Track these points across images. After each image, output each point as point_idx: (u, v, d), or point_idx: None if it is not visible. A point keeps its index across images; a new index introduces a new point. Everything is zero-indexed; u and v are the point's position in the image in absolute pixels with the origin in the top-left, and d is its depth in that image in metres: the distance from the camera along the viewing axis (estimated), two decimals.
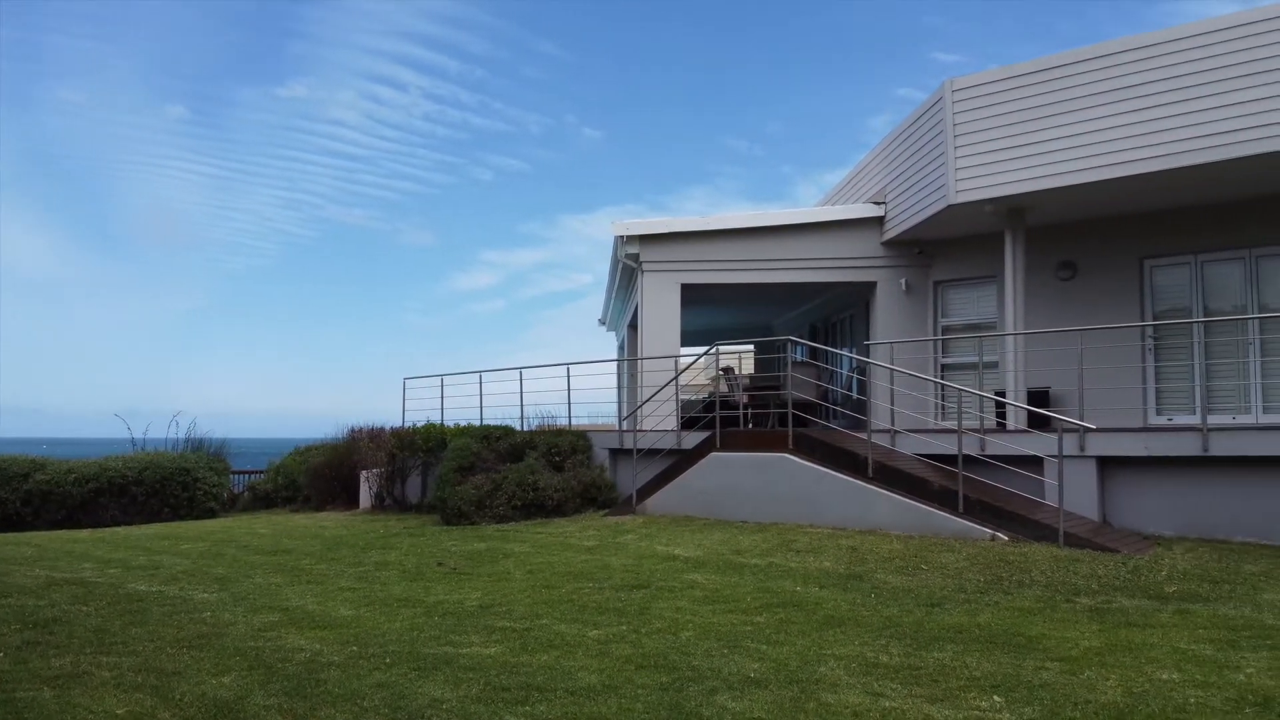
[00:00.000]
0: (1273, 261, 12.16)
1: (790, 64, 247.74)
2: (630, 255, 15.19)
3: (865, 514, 10.38)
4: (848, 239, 15.32)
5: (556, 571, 8.57)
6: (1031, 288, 13.22)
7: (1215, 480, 9.70)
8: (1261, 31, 10.33)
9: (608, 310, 22.26)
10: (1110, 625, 6.13)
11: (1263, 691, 4.62)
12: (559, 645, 5.86)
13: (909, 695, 4.71)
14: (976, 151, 12.26)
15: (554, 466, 13.62)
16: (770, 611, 6.68)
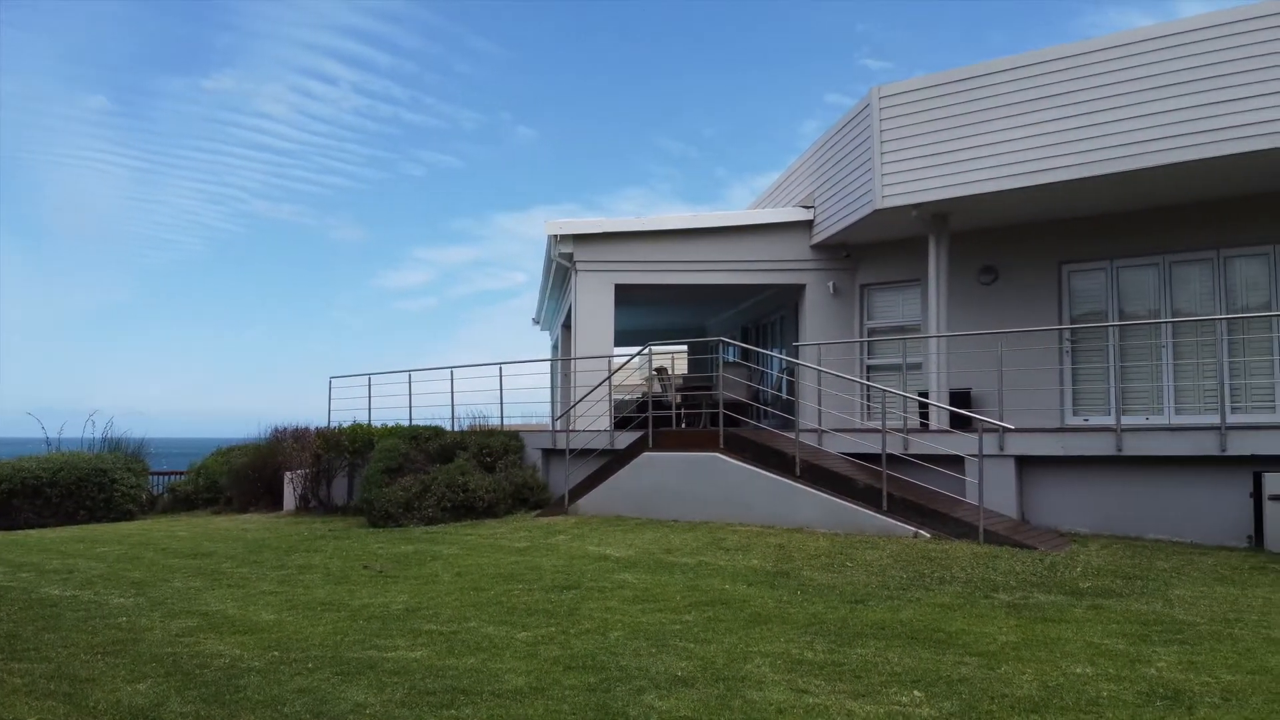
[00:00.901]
0: (1185, 267, 12.66)
1: (725, 68, 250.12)
2: (564, 255, 15.16)
3: (793, 512, 10.53)
4: (778, 242, 15.51)
5: (486, 573, 8.50)
6: (954, 291, 13.55)
7: (1129, 479, 10.05)
8: (1173, 45, 10.73)
9: (541, 309, 22.18)
10: (1027, 620, 6.31)
11: (1173, 685, 4.80)
12: (486, 648, 5.82)
13: (832, 691, 4.79)
14: (902, 158, 12.52)
15: (485, 467, 13.51)
16: (699, 610, 6.73)
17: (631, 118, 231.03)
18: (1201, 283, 12.56)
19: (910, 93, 12.55)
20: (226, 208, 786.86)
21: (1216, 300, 12.38)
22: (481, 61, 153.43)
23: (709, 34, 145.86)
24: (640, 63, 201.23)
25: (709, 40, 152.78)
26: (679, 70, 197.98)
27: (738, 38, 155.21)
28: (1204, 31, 10.55)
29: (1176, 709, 4.43)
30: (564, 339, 18.26)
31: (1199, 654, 5.39)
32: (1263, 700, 4.50)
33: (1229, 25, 10.41)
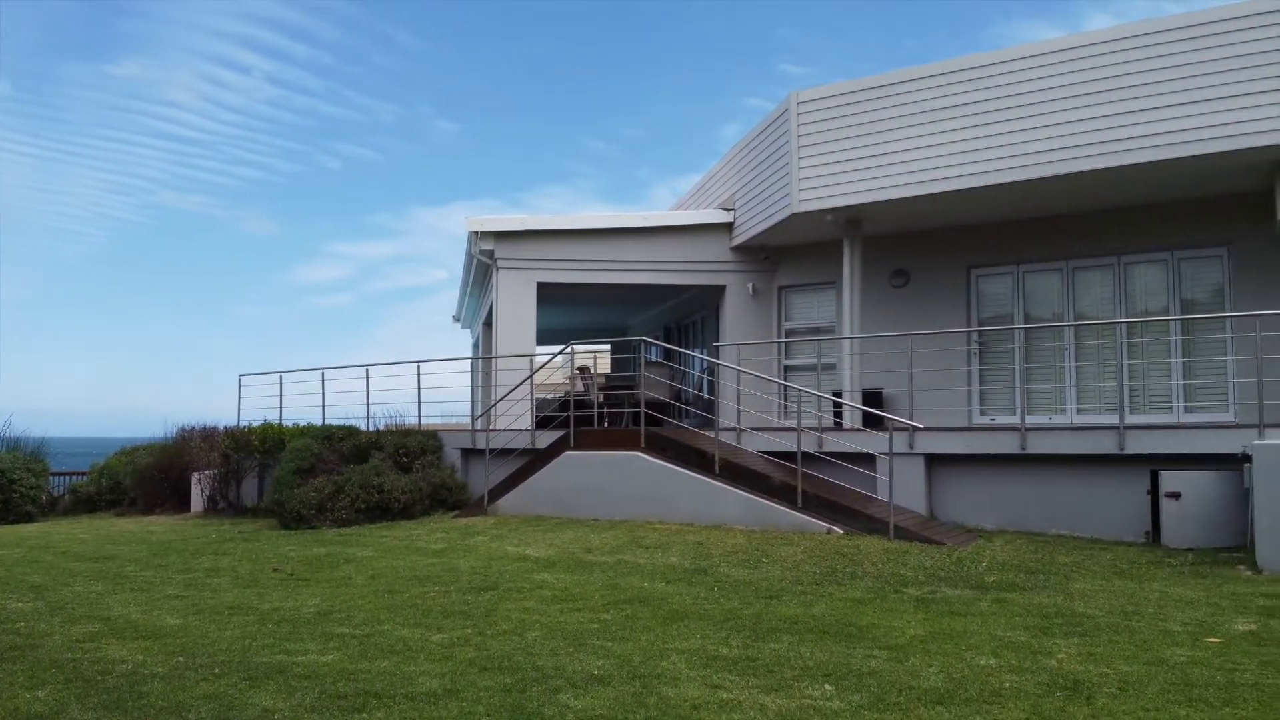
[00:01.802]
0: (1088, 273, 13.18)
1: (648, 69, 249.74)
2: (485, 252, 15.04)
3: (712, 509, 10.64)
4: (699, 243, 15.65)
5: (401, 576, 8.39)
6: (867, 294, 13.87)
7: (1033, 476, 10.42)
8: (1078, 58, 11.17)
9: (462, 307, 21.96)
10: (934, 614, 6.50)
11: (1072, 675, 4.98)
12: (400, 650, 5.74)
13: (746, 686, 4.86)
14: (818, 162, 12.76)
15: (401, 468, 13.31)
16: (618, 608, 6.75)
17: (555, 115, 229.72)
18: (1103, 288, 13.09)
19: (827, 99, 12.80)
20: (133, 199, 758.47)
21: (1117, 305, 12.92)
22: (402, 54, 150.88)
23: (633, 35, 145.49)
24: (564, 61, 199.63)
25: (633, 41, 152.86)
26: (603, 70, 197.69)
27: (661, 40, 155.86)
28: (1107, 45, 11.00)
29: (1076, 699, 4.60)
30: (485, 337, 18.11)
31: (1098, 645, 5.61)
32: (1158, 690, 4.70)
33: (1130, 40, 10.87)
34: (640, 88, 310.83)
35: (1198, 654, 5.37)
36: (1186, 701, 4.51)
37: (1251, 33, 10.20)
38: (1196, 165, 10.78)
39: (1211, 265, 12.41)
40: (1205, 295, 12.47)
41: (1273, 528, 7.91)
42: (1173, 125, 10.55)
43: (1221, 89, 10.31)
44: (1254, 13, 10.22)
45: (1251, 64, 10.19)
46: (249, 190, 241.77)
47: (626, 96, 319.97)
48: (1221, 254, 12.30)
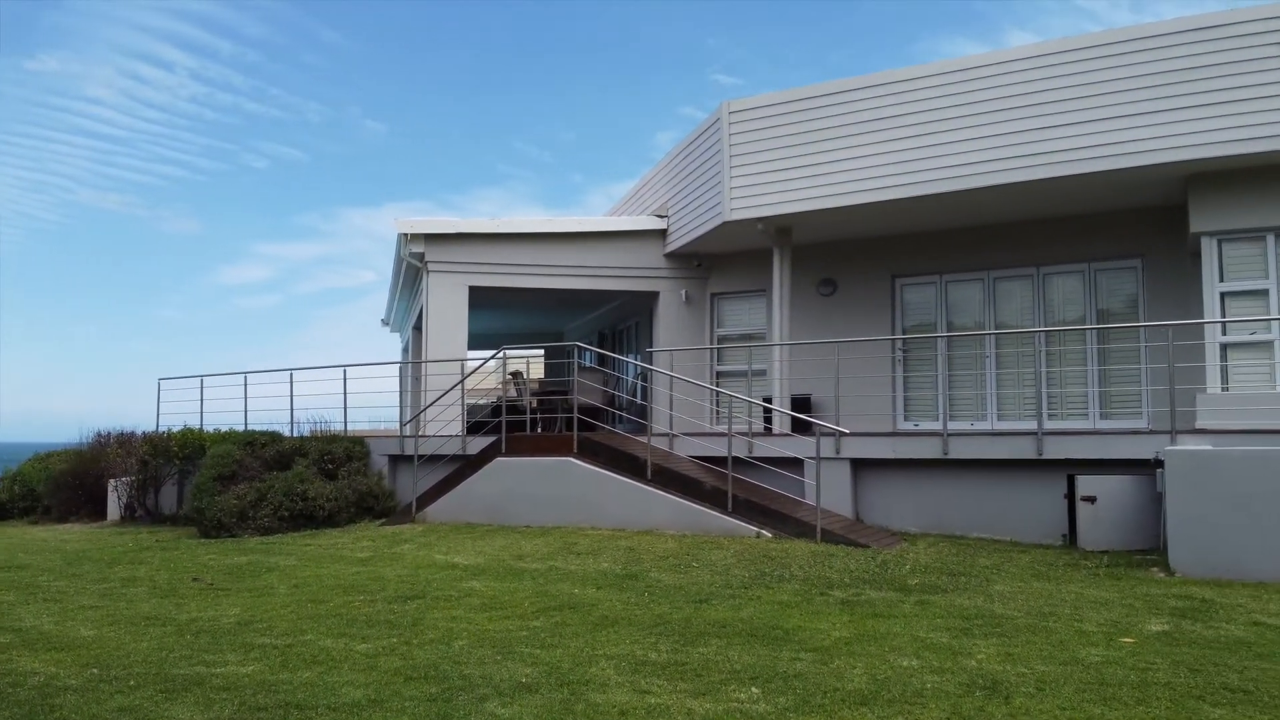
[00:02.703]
0: (1008, 283, 13.56)
1: (583, 75, 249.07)
2: (415, 254, 14.85)
3: (644, 515, 10.66)
4: (633, 249, 15.68)
5: (325, 585, 8.23)
6: (797, 302, 14.08)
7: (955, 481, 10.67)
8: (999, 74, 11.48)
9: (391, 310, 21.65)
10: (859, 616, 6.60)
11: (991, 676, 5.10)
12: (323, 661, 5.63)
13: (674, 691, 4.87)
14: (749, 172, 12.91)
15: (327, 475, 13.06)
16: (547, 615, 6.72)
17: (488, 119, 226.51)
18: (1023, 297, 13.48)
19: (758, 109, 12.96)
20: (50, 197, 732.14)
21: (1036, 314, 13.32)
22: (329, 53, 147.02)
23: (568, 41, 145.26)
24: (497, 65, 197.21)
25: (568, 47, 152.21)
26: (537, 74, 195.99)
27: (595, 46, 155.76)
28: (1027, 62, 11.34)
29: (994, 699, 4.72)
30: (415, 341, 17.88)
31: (1016, 646, 5.75)
32: (1074, 689, 4.84)
33: (1049, 57, 11.22)
34: (574, 93, 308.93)
35: (1112, 654, 5.55)
36: (1101, 700, 4.65)
37: (1165, 51, 10.61)
38: (1113, 179, 11.18)
39: (1126, 276, 12.87)
40: (1120, 305, 12.93)
41: (1184, 531, 8.21)
42: (1090, 140, 10.91)
43: (1137, 105, 10.70)
44: (1167, 33, 10.63)
45: (1165, 82, 10.59)
46: (171, 189, 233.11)
47: (561, 101, 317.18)
48: (1136, 265, 12.77)
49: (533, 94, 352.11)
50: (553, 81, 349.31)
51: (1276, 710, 4.47)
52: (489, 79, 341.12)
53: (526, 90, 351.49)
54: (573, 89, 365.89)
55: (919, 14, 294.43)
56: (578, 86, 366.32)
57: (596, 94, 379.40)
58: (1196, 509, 8.16)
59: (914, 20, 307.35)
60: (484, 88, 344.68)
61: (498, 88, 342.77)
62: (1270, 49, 10.11)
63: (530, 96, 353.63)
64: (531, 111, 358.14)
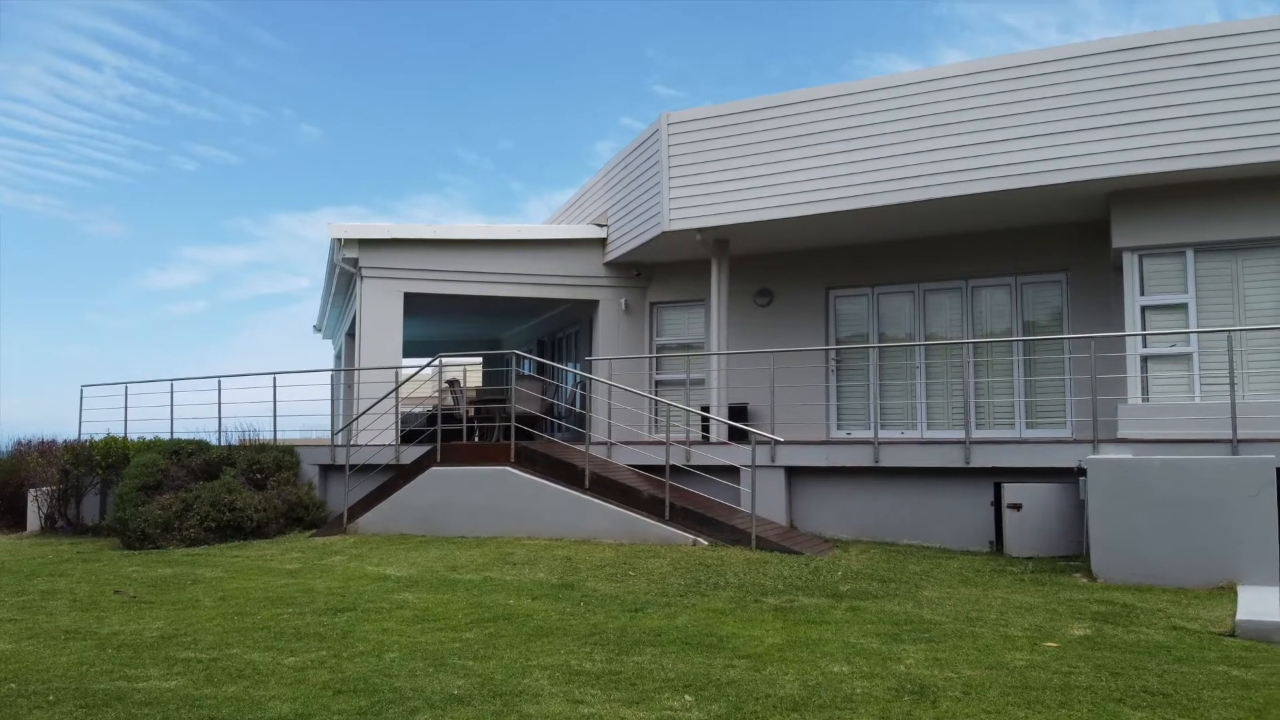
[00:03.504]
0: (938, 295, 13.86)
1: (522, 82, 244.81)
2: (349, 260, 14.63)
3: (581, 524, 10.63)
4: (573, 258, 15.67)
5: (252, 597, 8.04)
6: (734, 312, 14.21)
7: (886, 488, 10.85)
8: (931, 90, 11.76)
9: (324, 316, 21.29)
10: (792, 623, 6.67)
11: (919, 680, 5.19)
12: (250, 675, 5.50)
13: (608, 700, 4.87)
14: (688, 183, 13.01)
15: (255, 484, 12.78)
16: (481, 626, 6.66)
17: (425, 124, 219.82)
18: (952, 309, 13.79)
19: (697, 121, 13.07)
20: None
21: (964, 326, 13.63)
22: (263, 55, 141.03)
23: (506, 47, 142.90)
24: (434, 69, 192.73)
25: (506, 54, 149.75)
26: (474, 80, 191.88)
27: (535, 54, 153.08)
28: (958, 80, 11.62)
29: (922, 703, 4.80)
30: (348, 348, 17.61)
31: (943, 651, 5.87)
32: (999, 693, 4.95)
33: (979, 75, 11.52)
34: (514, 100, 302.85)
35: (1036, 658, 5.69)
36: (1025, 704, 4.77)
37: (1090, 71, 10.96)
38: (1039, 195, 11.51)
39: (1051, 290, 13.26)
40: (1046, 318, 13.30)
41: (1106, 537, 8.46)
42: (1018, 157, 11.22)
43: (1062, 124, 11.04)
44: (1092, 54, 10.99)
45: (1089, 101, 10.94)
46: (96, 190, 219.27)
47: (500, 108, 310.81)
48: (1061, 279, 13.15)
49: (471, 100, 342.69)
50: (491, 88, 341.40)
51: (1194, 713, 4.62)
52: (426, 84, 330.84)
53: (465, 96, 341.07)
54: (512, 96, 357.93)
55: (855, 31, 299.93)
56: (517, 93, 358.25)
57: (536, 101, 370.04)
58: (1117, 516, 8.42)
59: (850, 37, 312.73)
60: (421, 93, 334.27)
61: (435, 93, 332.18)
62: (1190, 70, 10.51)
63: (469, 102, 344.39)
64: (470, 118, 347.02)
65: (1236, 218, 10.81)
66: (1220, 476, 8.18)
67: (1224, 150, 10.33)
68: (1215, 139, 10.35)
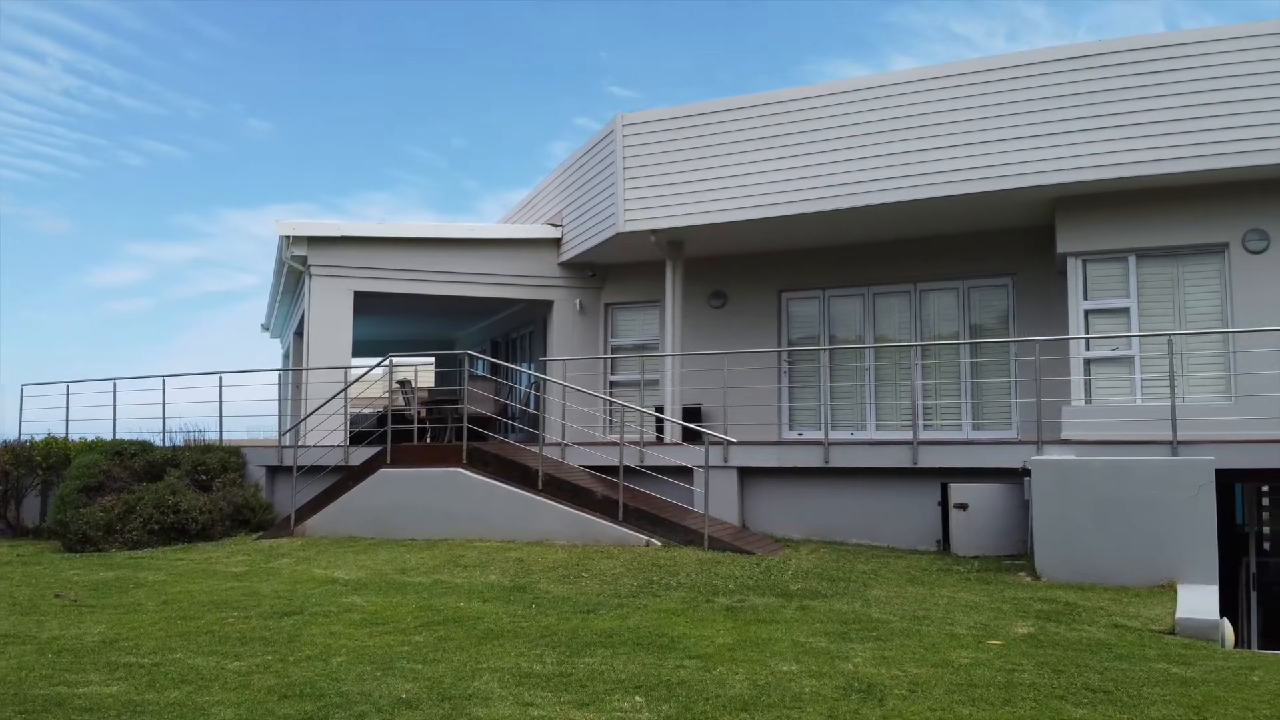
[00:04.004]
0: (887, 298, 14.04)
1: (476, 81, 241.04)
2: (298, 258, 14.41)
3: (534, 525, 10.59)
4: (527, 258, 15.61)
5: (197, 601, 7.90)
6: (688, 313, 14.27)
7: (836, 488, 10.96)
8: (882, 96, 11.90)
9: (272, 315, 20.95)
10: (742, 622, 6.71)
11: (867, 679, 5.26)
12: (193, 680, 5.40)
13: (558, 702, 4.86)
14: (643, 184, 13.04)
15: (201, 486, 12.55)
16: (430, 630, 6.60)
17: (376, 120, 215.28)
18: (901, 313, 13.99)
19: (652, 122, 13.10)
20: None
21: (913, 328, 13.83)
22: (211, 48, 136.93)
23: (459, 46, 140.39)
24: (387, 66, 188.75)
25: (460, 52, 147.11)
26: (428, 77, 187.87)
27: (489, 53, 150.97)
28: (907, 86, 11.78)
29: (869, 701, 4.86)
30: (296, 348, 17.36)
31: (891, 649, 5.95)
32: (944, 691, 5.03)
33: (928, 82, 11.69)
34: (468, 98, 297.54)
35: (981, 656, 5.79)
36: (970, 701, 4.85)
37: (1036, 80, 11.17)
38: (986, 201, 11.71)
39: (998, 293, 13.50)
40: (992, 321, 13.54)
41: (1049, 537, 8.64)
42: (965, 163, 11.40)
43: (1009, 131, 11.24)
44: (1037, 62, 11.21)
45: (1035, 109, 11.14)
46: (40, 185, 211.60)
47: (453, 106, 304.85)
48: (1007, 283, 13.39)
49: (424, 97, 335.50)
50: (445, 85, 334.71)
51: (1134, 709, 4.74)
52: (378, 81, 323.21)
53: (418, 93, 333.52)
54: (466, 94, 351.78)
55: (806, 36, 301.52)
56: (471, 91, 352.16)
57: (490, 100, 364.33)
58: (1061, 516, 8.60)
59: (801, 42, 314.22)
60: (373, 89, 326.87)
61: (387, 90, 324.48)
62: (1134, 79, 10.76)
63: (422, 100, 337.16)
64: (423, 115, 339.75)
65: (1177, 224, 11.09)
66: (1160, 477, 8.39)
67: (1166, 158, 10.59)
68: (1157, 147, 10.62)
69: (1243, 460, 9.19)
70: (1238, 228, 10.86)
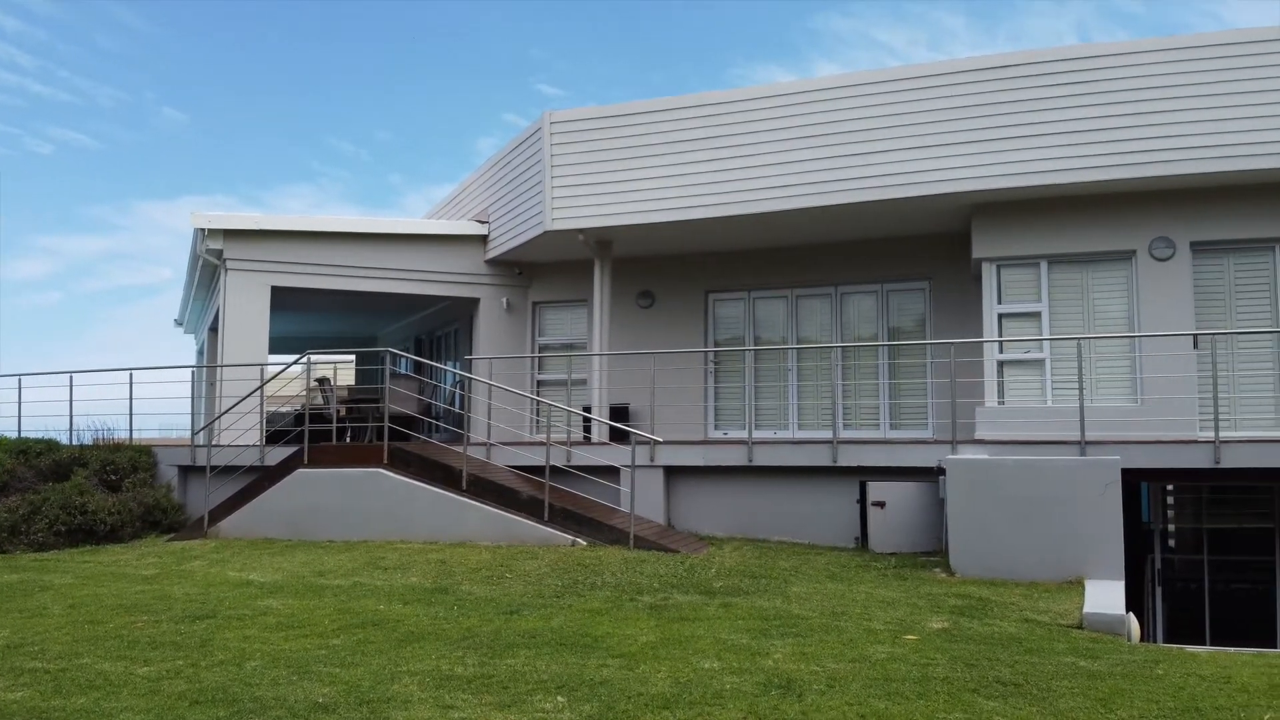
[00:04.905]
0: (810, 300, 14.28)
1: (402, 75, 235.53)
2: (213, 251, 14.01)
3: (458, 526, 10.47)
4: (453, 254, 15.42)
5: (105, 605, 7.62)
6: (616, 313, 14.28)
7: (759, 487, 11.10)
8: (801, 103, 12.09)
9: (186, 310, 20.32)
10: (666, 620, 6.75)
11: (787, 675, 5.33)
12: (101, 686, 5.21)
13: (479, 704, 4.82)
14: (571, 183, 13.01)
15: (110, 486, 12.11)
16: (349, 633, 6.48)
17: (298, 112, 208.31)
18: (822, 315, 14.23)
19: (580, 121, 13.07)
20: None
21: (834, 330, 14.08)
22: (125, 35, 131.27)
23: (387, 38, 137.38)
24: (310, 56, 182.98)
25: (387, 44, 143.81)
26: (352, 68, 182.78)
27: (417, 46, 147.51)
28: (830, 92, 11.98)
29: (789, 697, 4.93)
30: (211, 344, 16.88)
31: (810, 645, 6.04)
32: (861, 686, 5.13)
33: (849, 89, 11.91)
34: (393, 93, 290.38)
35: (897, 651, 5.92)
36: (885, 695, 4.95)
37: (954, 89, 11.47)
38: (904, 207, 11.98)
39: (915, 297, 13.82)
40: (910, 324, 13.86)
41: (963, 534, 8.87)
42: (885, 170, 11.65)
43: (927, 138, 11.52)
44: (955, 71, 11.51)
45: (952, 117, 11.45)
46: None
47: (378, 99, 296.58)
48: (924, 287, 13.73)
49: (349, 89, 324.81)
50: (371, 78, 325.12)
51: (1044, 702, 4.89)
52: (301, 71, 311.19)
53: (342, 85, 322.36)
54: (392, 87, 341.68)
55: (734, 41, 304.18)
56: (397, 85, 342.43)
57: (417, 94, 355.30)
58: (974, 514, 8.84)
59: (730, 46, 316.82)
60: (295, 79, 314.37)
61: (310, 80, 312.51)
62: (1048, 90, 11.12)
63: (346, 92, 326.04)
64: (347, 107, 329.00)
65: (1087, 232, 11.51)
66: (1069, 476, 8.69)
67: (1077, 168, 10.98)
68: (1069, 156, 10.99)
69: (1148, 460, 9.60)
70: (1144, 236, 11.31)
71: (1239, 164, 10.47)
